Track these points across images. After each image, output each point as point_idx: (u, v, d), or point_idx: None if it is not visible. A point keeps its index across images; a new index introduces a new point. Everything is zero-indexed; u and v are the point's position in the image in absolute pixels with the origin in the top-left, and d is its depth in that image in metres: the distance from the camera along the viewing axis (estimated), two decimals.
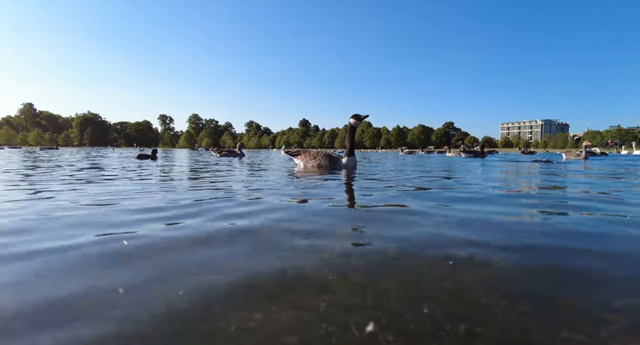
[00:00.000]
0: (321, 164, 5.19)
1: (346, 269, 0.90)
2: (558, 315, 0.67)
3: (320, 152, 5.36)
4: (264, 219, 1.50)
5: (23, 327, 0.62)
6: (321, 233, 1.27)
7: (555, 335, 0.60)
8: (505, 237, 1.22)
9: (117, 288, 0.77)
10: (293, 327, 0.62)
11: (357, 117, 5.03)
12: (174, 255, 1.00)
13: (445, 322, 0.63)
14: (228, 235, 1.23)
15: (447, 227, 1.37)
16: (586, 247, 1.13)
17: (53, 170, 4.55)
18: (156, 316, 0.65)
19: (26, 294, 0.75)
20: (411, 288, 0.79)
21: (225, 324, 0.63)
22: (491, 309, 0.69)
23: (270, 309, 0.68)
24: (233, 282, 0.82)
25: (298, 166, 5.60)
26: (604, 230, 1.37)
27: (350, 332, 0.60)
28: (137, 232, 1.26)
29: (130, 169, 4.80)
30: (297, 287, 0.79)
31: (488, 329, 0.61)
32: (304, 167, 5.37)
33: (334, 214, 1.65)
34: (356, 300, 0.72)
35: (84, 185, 2.78)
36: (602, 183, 3.32)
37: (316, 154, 5.34)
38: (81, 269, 0.90)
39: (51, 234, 1.23)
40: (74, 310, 0.67)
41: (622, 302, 0.73)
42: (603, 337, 0.60)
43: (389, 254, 1.03)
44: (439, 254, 1.03)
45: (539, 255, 1.04)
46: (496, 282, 0.82)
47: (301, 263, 0.94)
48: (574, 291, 0.78)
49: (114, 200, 1.97)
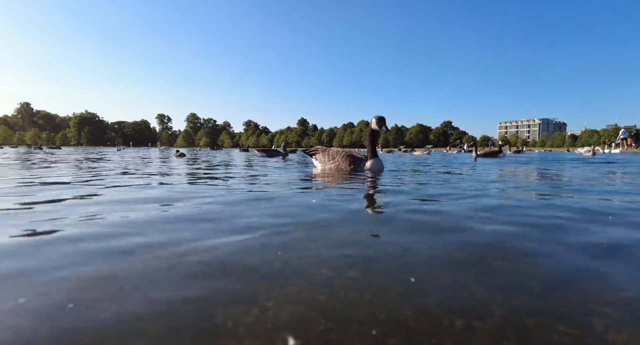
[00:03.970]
0: (340, 166, 4.40)
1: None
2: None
3: (340, 151, 4.52)
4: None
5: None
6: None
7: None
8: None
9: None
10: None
11: (381, 122, 4.17)
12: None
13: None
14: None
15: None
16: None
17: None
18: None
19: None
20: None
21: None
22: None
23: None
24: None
25: (316, 168, 4.90)
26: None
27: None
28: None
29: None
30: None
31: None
32: (321, 169, 4.64)
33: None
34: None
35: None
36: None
37: (335, 154, 4.53)
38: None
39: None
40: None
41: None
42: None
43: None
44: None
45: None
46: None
47: None
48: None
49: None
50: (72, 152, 19.29)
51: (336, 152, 4.55)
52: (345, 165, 4.37)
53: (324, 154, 4.68)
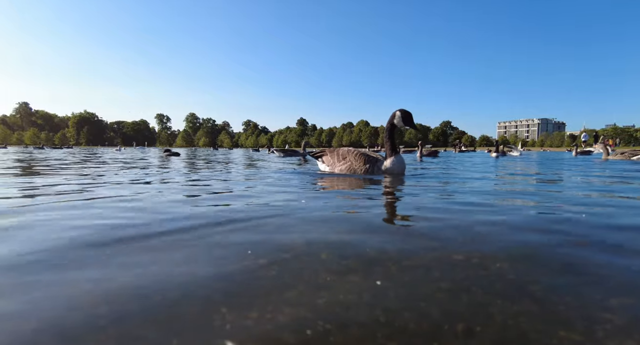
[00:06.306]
0: (353, 167, 3.78)
1: None
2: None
3: (352, 150, 3.94)
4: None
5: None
6: None
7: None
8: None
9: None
10: None
11: (408, 118, 3.61)
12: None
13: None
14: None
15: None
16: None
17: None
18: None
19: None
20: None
21: None
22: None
23: None
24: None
25: (324, 171, 4.20)
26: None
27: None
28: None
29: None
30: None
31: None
32: (330, 171, 4.07)
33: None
34: None
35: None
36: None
37: (347, 154, 3.92)
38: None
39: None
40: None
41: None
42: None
43: None
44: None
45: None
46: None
47: None
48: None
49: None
50: (79, 152, 19.22)
51: (347, 151, 3.98)
52: (359, 165, 3.76)
53: (332, 155, 4.11)
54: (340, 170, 3.91)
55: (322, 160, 4.26)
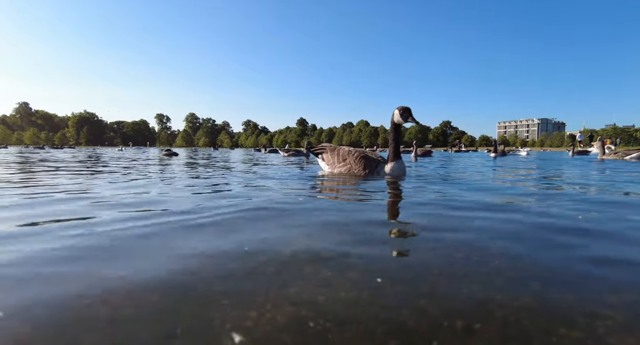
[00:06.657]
0: (352, 169, 3.77)
1: None
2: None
3: (353, 151, 3.88)
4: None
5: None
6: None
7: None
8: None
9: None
10: None
11: (406, 113, 3.55)
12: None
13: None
14: None
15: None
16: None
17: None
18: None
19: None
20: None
21: None
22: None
23: None
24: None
25: (323, 170, 4.24)
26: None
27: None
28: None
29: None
30: None
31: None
32: (330, 172, 4.04)
33: None
34: None
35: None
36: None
37: (347, 155, 3.86)
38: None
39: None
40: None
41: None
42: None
43: None
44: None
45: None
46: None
47: None
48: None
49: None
50: (84, 152, 19.25)
51: (347, 152, 3.88)
52: (358, 169, 3.74)
53: (332, 154, 4.01)
54: (340, 172, 3.89)
55: (322, 157, 4.19)
